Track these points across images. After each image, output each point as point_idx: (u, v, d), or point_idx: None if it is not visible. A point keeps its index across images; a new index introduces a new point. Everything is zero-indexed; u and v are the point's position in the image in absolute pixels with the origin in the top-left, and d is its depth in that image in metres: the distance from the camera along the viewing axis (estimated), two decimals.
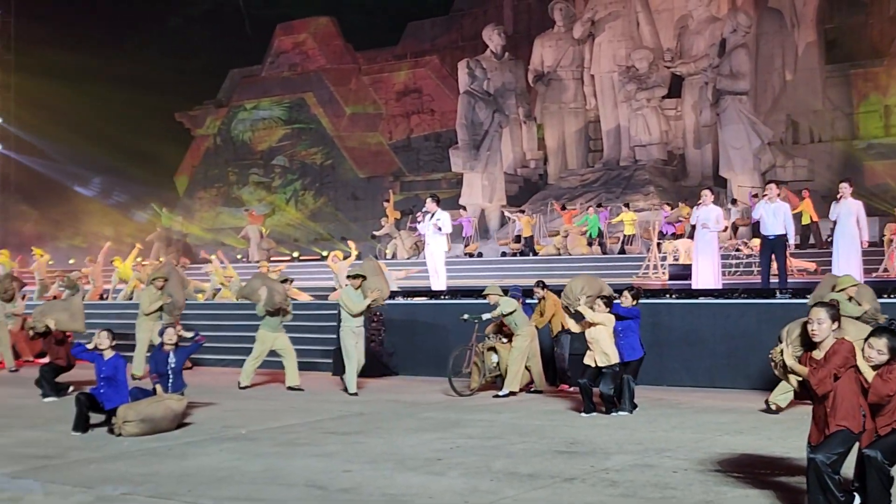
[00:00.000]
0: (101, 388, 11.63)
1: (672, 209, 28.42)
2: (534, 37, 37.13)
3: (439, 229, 18.86)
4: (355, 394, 14.67)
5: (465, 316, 14.55)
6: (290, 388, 15.34)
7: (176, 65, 50.33)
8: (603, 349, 12.14)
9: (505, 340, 14.60)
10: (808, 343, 6.92)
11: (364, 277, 15.18)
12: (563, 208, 30.65)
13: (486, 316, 14.43)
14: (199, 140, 46.03)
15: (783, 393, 11.62)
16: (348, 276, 16.42)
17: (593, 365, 12.21)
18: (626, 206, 29.59)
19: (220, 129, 45.07)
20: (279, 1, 50.75)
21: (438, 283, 19.03)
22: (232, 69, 46.76)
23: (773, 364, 7.14)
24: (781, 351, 7.00)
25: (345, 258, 23.46)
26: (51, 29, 44.89)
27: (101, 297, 26.55)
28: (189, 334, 13.06)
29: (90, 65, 44.26)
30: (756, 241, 19.85)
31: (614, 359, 12.11)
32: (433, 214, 18.98)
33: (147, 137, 45.20)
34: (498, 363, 14.56)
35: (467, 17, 42.05)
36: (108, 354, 11.87)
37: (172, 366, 12.22)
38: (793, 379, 7.06)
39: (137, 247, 29.76)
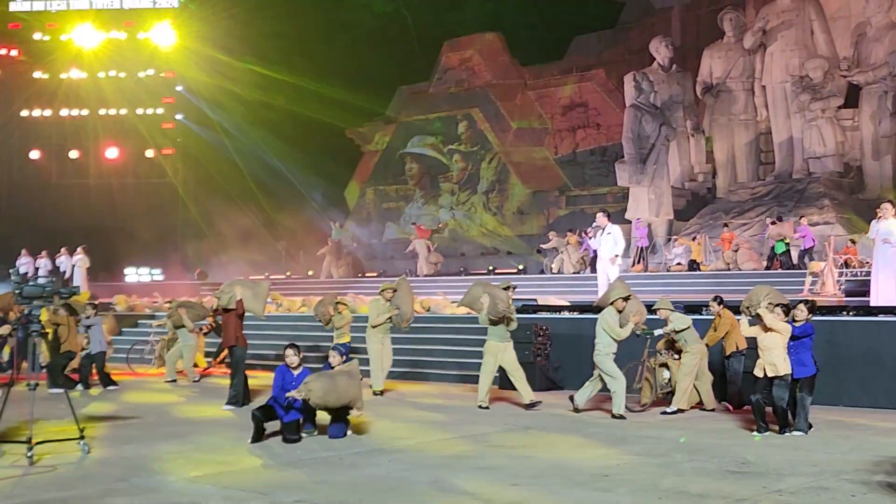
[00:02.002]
0: (283, 401, 11.94)
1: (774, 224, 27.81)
2: (702, 48, 36.46)
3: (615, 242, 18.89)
4: (380, 393, 15.60)
5: (638, 331, 14.42)
6: (528, 406, 14.62)
7: (345, 82, 51.61)
8: (773, 359, 11.79)
9: (677, 357, 14.38)
10: None
11: (395, 290, 15.80)
12: (725, 225, 30.04)
13: (657, 331, 14.27)
14: (368, 155, 46.97)
15: None
16: (381, 289, 16.66)
17: (762, 375, 11.88)
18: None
19: (389, 144, 45.87)
20: (446, 18, 51.45)
21: None
22: (400, 86, 47.57)
23: None
24: None
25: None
26: (222, 51, 46.70)
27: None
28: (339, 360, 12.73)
29: (261, 83, 45.81)
30: None
31: (783, 370, 11.75)
32: (604, 229, 18.94)
33: (318, 154, 46.48)
34: (669, 379, 14.35)
35: (634, 30, 41.62)
36: (298, 371, 12.14)
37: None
38: None
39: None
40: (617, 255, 18.96)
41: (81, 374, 18.67)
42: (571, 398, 14.23)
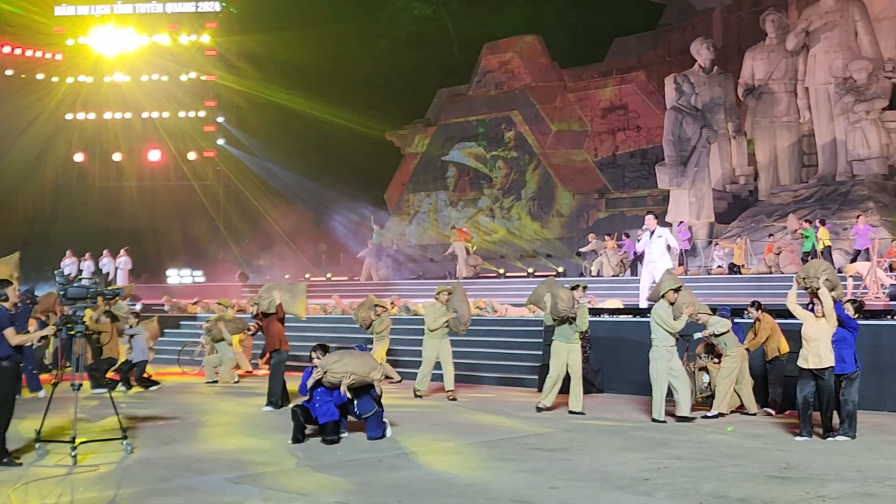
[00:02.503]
0: (316, 403, 11.98)
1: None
2: (744, 50, 36.19)
3: (668, 247, 18.79)
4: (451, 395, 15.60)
5: (694, 320, 14.32)
6: (572, 412, 14.38)
7: (385, 85, 51.76)
8: (819, 350, 11.59)
9: (716, 360, 14.28)
10: None
11: (450, 293, 15.96)
12: (770, 235, 29.80)
13: (697, 335, 14.17)
14: (408, 158, 47.07)
15: None
16: (437, 292, 16.63)
17: (806, 366, 11.71)
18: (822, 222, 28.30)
19: (428, 147, 45.94)
20: (486, 21, 51.45)
21: None
22: (440, 88, 47.63)
23: None
24: None
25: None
26: (263, 55, 47.02)
27: None
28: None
29: (301, 88, 46.07)
30: None
31: (828, 361, 11.57)
32: (653, 232, 18.82)
33: (358, 157, 46.65)
34: (709, 383, 14.24)
35: (675, 32, 41.41)
36: None
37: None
38: None
39: None
40: (676, 264, 18.85)
41: (122, 375, 18.86)
42: (678, 418, 13.50)
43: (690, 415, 13.48)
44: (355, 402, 12.01)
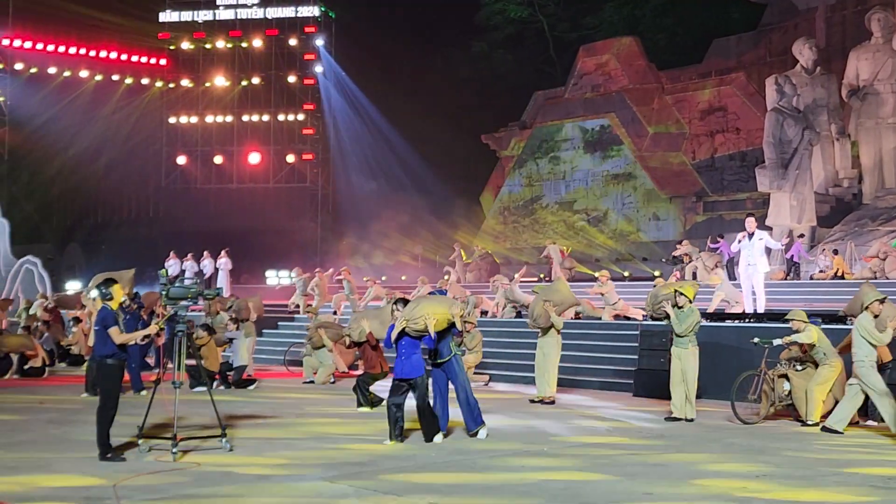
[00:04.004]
0: (403, 351, 12.04)
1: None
2: (848, 50, 35.37)
3: (768, 250, 18.56)
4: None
5: (756, 339, 14.10)
6: (668, 419, 14.21)
7: (481, 88, 51.89)
8: None
9: (799, 368, 13.97)
10: None
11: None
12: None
13: (776, 341, 13.89)
14: (503, 161, 47.05)
15: None
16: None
17: None
18: None
19: (524, 150, 45.86)
20: (583, 23, 51.24)
21: (758, 304, 18.62)
22: (536, 91, 47.54)
23: None
24: None
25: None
26: (364, 58, 47.52)
27: None
28: None
29: (399, 90, 46.46)
30: None
31: None
32: (752, 234, 18.61)
33: (454, 159, 46.83)
34: (790, 392, 13.93)
35: (776, 32, 40.66)
36: None
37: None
38: None
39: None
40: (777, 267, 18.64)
41: (221, 375, 19.22)
42: (824, 427, 13.22)
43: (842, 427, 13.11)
44: (438, 346, 12.23)
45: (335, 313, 26.96)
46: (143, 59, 47.84)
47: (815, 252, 30.85)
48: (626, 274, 35.63)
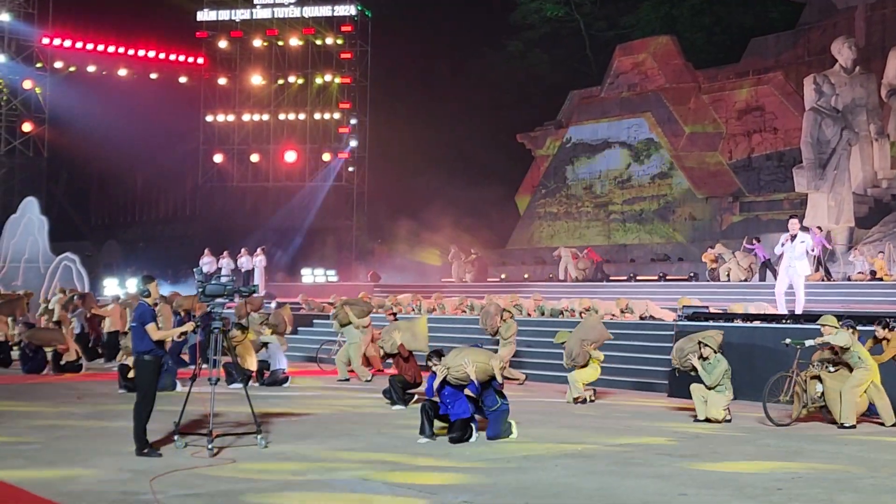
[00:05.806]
0: (448, 401, 12.12)
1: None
2: (888, 49, 35.01)
3: (807, 252, 18.51)
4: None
5: (788, 340, 14.00)
6: (696, 419, 14.18)
7: (517, 87, 51.85)
8: None
9: (832, 370, 13.85)
10: None
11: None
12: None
13: (808, 342, 13.78)
14: (539, 160, 46.99)
15: None
16: None
17: None
18: None
19: (560, 149, 45.77)
20: (619, 22, 51.08)
21: (797, 305, 18.53)
22: (572, 90, 47.42)
23: None
24: None
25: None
26: (400, 57, 47.64)
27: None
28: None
29: (434, 89, 46.53)
30: None
31: None
32: (794, 236, 18.50)
33: (490, 158, 46.81)
34: (822, 394, 13.82)
35: (814, 31, 40.32)
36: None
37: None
38: None
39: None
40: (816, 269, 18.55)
41: (257, 373, 19.32)
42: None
43: None
44: (482, 396, 12.23)
45: None
46: (181, 58, 48.24)
47: (852, 253, 30.55)
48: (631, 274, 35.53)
